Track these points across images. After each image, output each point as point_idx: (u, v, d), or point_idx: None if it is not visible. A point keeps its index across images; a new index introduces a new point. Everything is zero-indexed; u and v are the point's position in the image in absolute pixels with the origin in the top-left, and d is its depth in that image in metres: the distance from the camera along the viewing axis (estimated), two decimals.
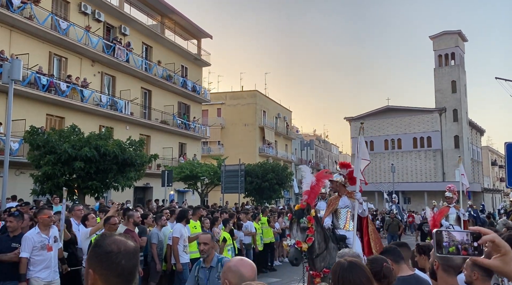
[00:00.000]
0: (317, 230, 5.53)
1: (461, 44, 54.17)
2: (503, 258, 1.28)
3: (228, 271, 2.20)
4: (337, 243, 5.93)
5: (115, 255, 1.53)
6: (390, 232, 18.05)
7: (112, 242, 1.56)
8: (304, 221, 5.33)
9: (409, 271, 3.17)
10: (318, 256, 5.51)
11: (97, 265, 1.53)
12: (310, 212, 5.48)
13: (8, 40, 19.15)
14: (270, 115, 46.84)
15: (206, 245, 4.44)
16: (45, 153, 14.80)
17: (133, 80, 26.73)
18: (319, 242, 5.54)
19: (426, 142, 52.44)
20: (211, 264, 4.29)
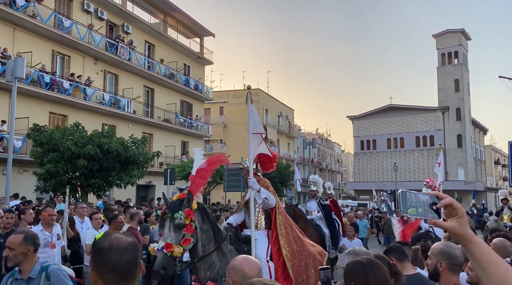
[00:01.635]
0: (202, 228, 4.23)
1: (464, 42, 53.99)
2: (459, 220, 1.35)
3: (232, 270, 2.19)
4: (238, 245, 4.68)
5: (106, 251, 1.53)
6: (385, 233, 17.01)
7: (106, 239, 1.58)
8: (180, 216, 3.96)
9: (413, 270, 3.18)
10: (202, 260, 4.20)
11: (93, 263, 1.56)
12: (191, 204, 4.13)
13: (11, 38, 19.20)
14: (273, 113, 46.82)
15: (11, 250, 3.29)
16: (48, 150, 14.86)
17: (136, 79, 26.76)
18: (204, 244, 4.23)
19: (429, 141, 52.33)
20: (29, 274, 3.26)
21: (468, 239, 1.34)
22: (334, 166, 70.73)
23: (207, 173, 4.54)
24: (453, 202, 1.37)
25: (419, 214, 1.43)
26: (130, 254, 1.55)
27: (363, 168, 56.35)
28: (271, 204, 5.04)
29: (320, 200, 9.93)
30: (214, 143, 42.50)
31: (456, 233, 1.35)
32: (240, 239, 4.82)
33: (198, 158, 4.83)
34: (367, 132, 55.79)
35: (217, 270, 4.25)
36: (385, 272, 2.06)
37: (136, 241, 1.63)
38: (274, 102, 48.06)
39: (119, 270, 1.52)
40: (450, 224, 1.36)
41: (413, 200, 1.43)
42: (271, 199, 5.00)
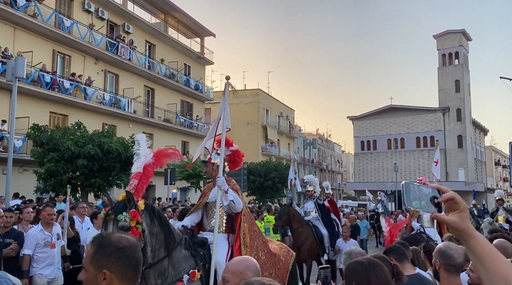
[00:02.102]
0: (152, 231, 3.79)
1: (465, 43, 53.95)
2: (461, 215, 1.33)
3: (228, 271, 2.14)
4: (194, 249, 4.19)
5: (129, 249, 1.57)
6: None
7: (120, 238, 1.61)
8: (124, 217, 3.58)
9: (412, 270, 3.18)
10: (151, 267, 3.77)
11: (112, 264, 1.53)
12: (137, 204, 3.71)
13: (12, 38, 19.21)
14: (273, 114, 46.82)
15: None
16: (49, 150, 14.86)
17: (136, 78, 26.77)
18: (154, 249, 3.80)
19: (429, 142, 52.29)
20: None
21: (468, 233, 1.31)
22: (335, 167, 70.69)
23: (152, 171, 3.97)
24: (455, 196, 1.35)
25: (422, 207, 1.41)
26: (141, 251, 1.66)
27: (364, 169, 56.33)
28: (237, 208, 4.55)
29: (317, 200, 9.71)
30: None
31: (457, 227, 1.32)
32: (196, 242, 4.33)
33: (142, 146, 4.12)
34: (368, 133, 55.76)
35: (170, 278, 3.84)
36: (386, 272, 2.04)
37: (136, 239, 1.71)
38: (274, 102, 48.05)
39: (138, 266, 1.61)
40: (451, 218, 1.33)
41: (416, 193, 1.40)
42: (238, 203, 4.54)
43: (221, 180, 4.50)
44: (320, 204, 9.61)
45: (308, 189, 9.97)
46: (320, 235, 9.03)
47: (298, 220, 8.86)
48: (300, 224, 8.85)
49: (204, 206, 4.86)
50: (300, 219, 8.96)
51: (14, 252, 5.44)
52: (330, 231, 9.25)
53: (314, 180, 10.06)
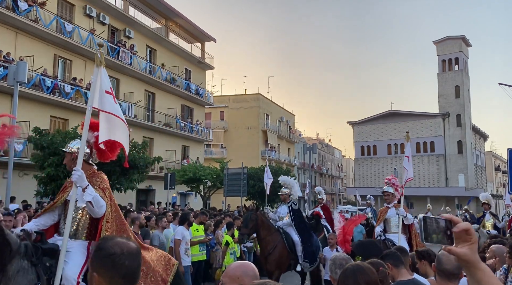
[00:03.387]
0: None
1: (464, 49, 54.15)
2: (472, 247, 1.31)
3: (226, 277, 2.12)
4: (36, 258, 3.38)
5: (119, 256, 1.56)
6: None
7: (115, 244, 1.59)
8: None
9: (408, 276, 3.20)
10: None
11: (101, 268, 1.56)
12: None
13: (13, 43, 19.31)
14: (273, 118, 46.91)
15: None
16: (49, 154, 14.89)
17: (137, 83, 26.86)
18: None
19: (429, 147, 52.37)
20: None
21: (475, 266, 1.30)
22: (335, 172, 70.68)
23: None
24: (469, 228, 1.33)
25: (439, 241, 1.37)
26: (138, 259, 1.62)
27: (364, 174, 56.33)
28: (96, 212, 3.63)
29: (292, 205, 8.68)
30: (215, 147, 42.56)
31: (467, 259, 1.30)
32: (42, 249, 3.42)
33: None
34: (368, 138, 55.83)
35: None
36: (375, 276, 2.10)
37: (139, 246, 1.68)
38: (274, 107, 48.17)
39: (131, 275, 1.58)
40: (462, 250, 1.31)
41: (433, 226, 1.37)
42: (99, 206, 3.60)
43: (78, 174, 3.57)
44: (295, 209, 8.63)
45: (281, 192, 8.89)
46: (291, 243, 8.08)
47: (266, 227, 7.92)
48: (268, 231, 7.89)
49: (64, 204, 3.91)
50: (269, 226, 8.06)
51: None
52: (306, 239, 8.25)
53: (289, 181, 9.03)
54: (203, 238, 8.91)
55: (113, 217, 3.77)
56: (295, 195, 8.86)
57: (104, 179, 3.96)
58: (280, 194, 8.94)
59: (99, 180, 3.91)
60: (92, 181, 3.73)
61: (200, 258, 8.82)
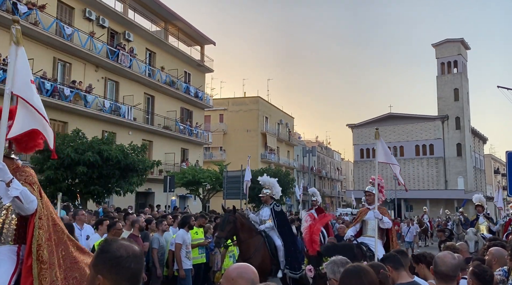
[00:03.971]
0: None
1: (463, 52, 54.29)
2: None
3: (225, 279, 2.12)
4: None
5: (125, 259, 1.56)
6: None
7: (120, 247, 1.60)
8: None
9: (408, 278, 3.20)
10: None
11: (106, 271, 1.56)
12: None
13: None
14: (272, 121, 46.94)
15: None
16: (48, 157, 14.89)
17: (137, 86, 26.88)
18: None
19: (429, 150, 52.40)
20: None
21: None
22: (334, 174, 70.66)
23: None
24: None
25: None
26: (142, 262, 1.63)
27: (363, 176, 56.30)
28: (25, 208, 3.08)
29: (274, 207, 8.12)
30: (214, 150, 42.54)
31: None
32: None
33: None
34: (367, 140, 55.86)
35: None
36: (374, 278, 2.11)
37: (142, 249, 1.70)
38: (274, 109, 48.21)
39: (135, 277, 1.58)
40: None
41: None
42: (28, 201, 3.06)
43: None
44: (278, 211, 8.03)
45: (262, 193, 8.26)
46: (274, 247, 7.53)
47: (247, 229, 7.28)
48: (249, 234, 7.26)
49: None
50: (250, 228, 7.41)
51: None
52: (289, 243, 7.66)
53: (270, 182, 8.38)
54: (202, 241, 8.90)
55: (46, 214, 3.27)
56: (277, 196, 8.33)
57: (30, 173, 3.37)
58: (261, 196, 8.28)
59: (25, 174, 3.32)
60: (16, 176, 3.13)
61: (200, 261, 8.79)
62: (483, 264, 3.45)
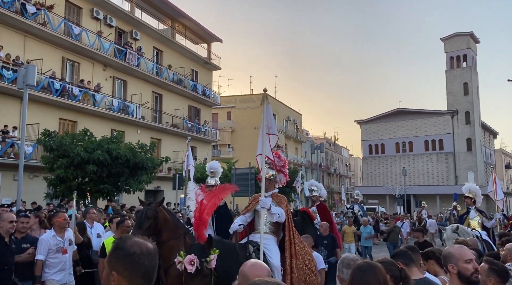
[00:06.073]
0: None
1: (473, 45, 53.67)
2: None
3: (240, 274, 2.20)
4: None
5: (138, 256, 1.58)
6: (390, 241, 15.02)
7: (134, 243, 1.61)
8: None
9: (420, 275, 3.18)
10: None
11: (121, 267, 1.57)
12: None
13: (22, 46, 19.51)
14: (280, 118, 46.88)
15: None
16: (58, 156, 15.04)
17: (144, 84, 27.00)
18: None
19: (438, 145, 51.98)
20: None
21: None
22: (343, 171, 70.46)
23: None
24: None
25: None
26: (156, 259, 1.65)
27: (372, 173, 56.08)
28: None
29: None
30: (222, 148, 42.62)
31: None
32: None
33: None
34: (375, 136, 55.57)
35: None
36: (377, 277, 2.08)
37: (156, 247, 1.69)
38: (281, 106, 48.14)
39: (148, 274, 1.60)
40: None
41: None
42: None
43: None
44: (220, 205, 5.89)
45: (207, 182, 7.12)
46: None
47: (171, 227, 5.24)
48: (173, 233, 5.19)
49: None
50: (175, 225, 5.35)
51: (32, 256, 5.51)
52: None
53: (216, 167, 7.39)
54: None
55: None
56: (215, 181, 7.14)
57: None
58: (207, 185, 6.93)
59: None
60: None
61: None
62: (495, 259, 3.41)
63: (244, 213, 5.70)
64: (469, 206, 9.17)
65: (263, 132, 5.15)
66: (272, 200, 5.43)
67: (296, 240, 5.39)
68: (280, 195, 5.76)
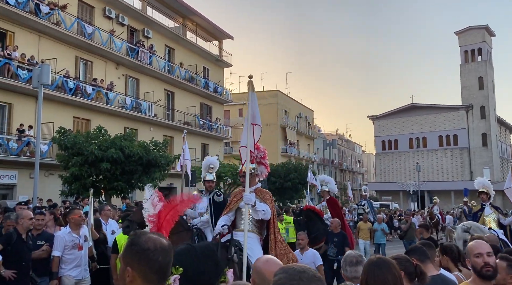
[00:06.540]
0: None
1: (488, 39, 52.74)
2: None
3: (254, 271, 2.20)
4: None
5: (152, 252, 1.59)
6: (407, 239, 13.94)
7: (148, 239, 1.62)
8: None
9: (435, 271, 3.15)
10: None
11: (135, 263, 1.59)
12: None
13: (37, 46, 19.78)
14: (292, 114, 46.74)
15: None
16: (73, 154, 15.23)
17: (157, 82, 27.17)
18: None
19: (453, 140, 51.31)
20: None
21: None
22: (355, 167, 70.02)
23: None
24: None
25: None
26: (170, 255, 1.65)
27: (385, 169, 55.63)
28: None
29: (215, 196, 6.39)
30: (234, 144, 42.69)
31: None
32: None
33: None
34: (389, 132, 55.08)
35: None
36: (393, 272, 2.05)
37: (170, 243, 1.69)
38: (293, 103, 47.98)
39: (163, 270, 1.61)
40: None
41: None
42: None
43: None
44: (218, 201, 6.31)
45: (206, 178, 6.67)
46: None
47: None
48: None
49: None
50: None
51: (46, 253, 5.62)
52: None
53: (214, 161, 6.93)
54: None
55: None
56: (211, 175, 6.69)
57: None
58: (205, 181, 6.64)
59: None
60: None
61: None
62: None
63: (226, 212, 5.27)
64: (484, 202, 8.63)
65: (248, 122, 4.76)
66: (256, 196, 5.06)
67: (279, 238, 5.10)
68: (265, 190, 5.38)
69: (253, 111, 4.79)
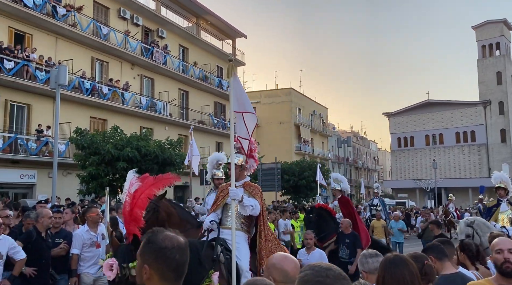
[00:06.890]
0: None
1: (506, 33, 51.63)
2: None
3: (272, 268, 2.21)
4: None
5: (170, 250, 1.60)
6: (425, 238, 12.67)
7: (165, 237, 1.63)
8: None
9: (453, 269, 3.10)
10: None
11: (152, 261, 1.60)
12: None
13: (54, 47, 20.13)
14: (306, 112, 46.57)
15: None
16: (90, 154, 15.48)
17: (171, 82, 27.38)
18: None
19: (470, 137, 50.40)
20: None
21: None
22: (371, 165, 69.43)
23: None
24: None
25: None
26: (187, 254, 1.66)
27: (401, 166, 55.00)
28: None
29: None
30: None
31: None
32: None
33: None
34: (404, 129, 54.41)
35: None
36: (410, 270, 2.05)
37: (187, 241, 1.70)
38: (307, 101, 47.78)
39: (180, 268, 1.62)
40: None
41: None
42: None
43: None
44: None
45: (215, 175, 6.68)
46: None
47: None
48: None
49: None
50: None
51: (64, 251, 5.73)
52: None
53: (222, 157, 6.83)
54: None
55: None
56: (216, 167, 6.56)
57: None
58: (214, 179, 6.58)
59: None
60: None
61: None
62: None
63: (214, 210, 4.90)
64: (500, 198, 8.17)
65: (231, 111, 4.41)
66: (244, 191, 4.74)
67: (270, 236, 4.75)
68: (254, 184, 5.02)
69: (239, 98, 4.42)
